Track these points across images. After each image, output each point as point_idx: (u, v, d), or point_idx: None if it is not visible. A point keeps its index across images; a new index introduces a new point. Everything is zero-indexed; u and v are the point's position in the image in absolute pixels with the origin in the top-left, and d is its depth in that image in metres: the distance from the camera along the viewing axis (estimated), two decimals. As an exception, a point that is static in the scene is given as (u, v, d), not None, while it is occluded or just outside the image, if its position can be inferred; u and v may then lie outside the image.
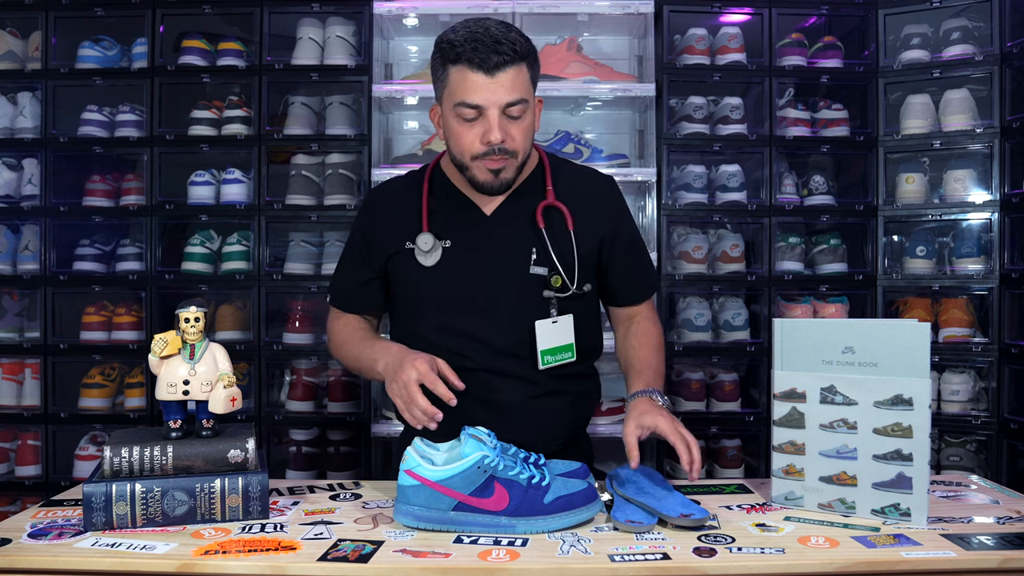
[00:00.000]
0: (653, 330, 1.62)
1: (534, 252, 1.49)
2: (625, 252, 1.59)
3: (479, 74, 1.36)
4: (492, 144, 1.39)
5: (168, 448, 1.21)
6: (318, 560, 1.07)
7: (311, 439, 2.66)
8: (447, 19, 2.68)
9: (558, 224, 1.51)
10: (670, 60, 2.69)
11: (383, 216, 1.58)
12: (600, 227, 1.55)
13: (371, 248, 1.57)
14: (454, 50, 1.37)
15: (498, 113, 1.38)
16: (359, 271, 1.60)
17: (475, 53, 1.35)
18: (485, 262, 1.50)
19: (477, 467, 1.17)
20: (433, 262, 1.50)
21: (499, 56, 1.35)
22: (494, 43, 1.35)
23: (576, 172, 1.62)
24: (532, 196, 1.53)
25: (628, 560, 1.07)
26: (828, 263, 2.69)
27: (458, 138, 1.42)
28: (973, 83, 2.61)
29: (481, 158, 1.41)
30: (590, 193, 1.57)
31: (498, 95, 1.37)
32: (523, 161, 1.46)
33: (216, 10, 2.68)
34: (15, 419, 2.68)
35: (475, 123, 1.40)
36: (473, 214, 1.53)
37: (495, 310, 1.49)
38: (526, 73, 1.41)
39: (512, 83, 1.37)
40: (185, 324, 1.24)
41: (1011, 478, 2.45)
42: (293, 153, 2.70)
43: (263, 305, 2.65)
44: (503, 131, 1.39)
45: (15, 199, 2.72)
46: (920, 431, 1.21)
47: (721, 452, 2.67)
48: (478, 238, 1.51)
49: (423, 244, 1.50)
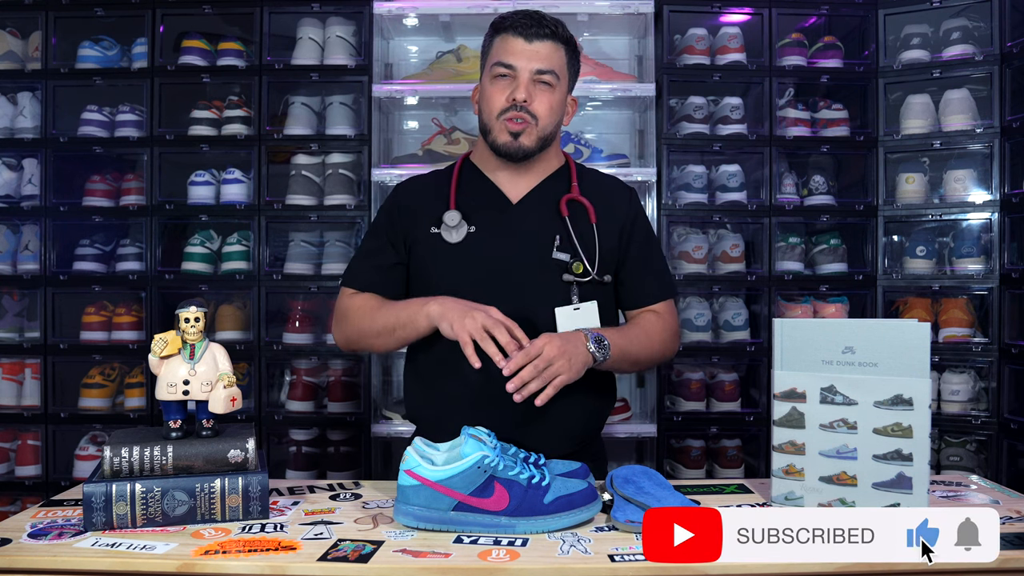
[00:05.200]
0: (656, 321, 1.59)
1: (557, 239, 1.53)
2: (639, 251, 1.60)
3: (518, 40, 1.50)
4: (516, 101, 1.48)
5: (168, 448, 1.21)
6: (318, 560, 1.07)
7: (311, 439, 2.66)
8: (447, 19, 2.68)
9: (581, 217, 1.55)
10: (670, 60, 2.69)
11: (411, 204, 1.61)
12: (620, 225, 1.59)
13: (397, 230, 1.59)
14: (503, 21, 1.53)
15: (529, 77, 1.49)
16: (385, 256, 1.60)
17: (519, 21, 1.50)
18: (508, 247, 1.53)
19: (477, 467, 1.17)
20: (458, 239, 1.54)
21: (540, 28, 1.49)
22: (540, 18, 1.51)
23: (599, 175, 1.70)
24: (557, 189, 1.58)
25: (628, 560, 1.06)
26: (828, 263, 2.69)
27: (489, 97, 1.52)
28: (973, 83, 2.61)
29: (504, 116, 1.50)
30: (612, 194, 1.63)
31: (532, 60, 1.49)
32: (543, 135, 1.52)
33: (216, 10, 2.69)
34: (15, 419, 2.68)
35: (506, 85, 1.50)
36: (499, 201, 1.57)
37: (517, 295, 1.50)
38: (563, 55, 1.53)
39: (548, 55, 1.50)
40: (185, 324, 1.24)
41: (1011, 478, 2.45)
42: (293, 153, 2.70)
43: (263, 305, 2.65)
44: (528, 93, 1.49)
45: (15, 199, 2.72)
46: (920, 431, 1.21)
47: (721, 452, 2.67)
48: (503, 224, 1.55)
49: (449, 220, 1.53)
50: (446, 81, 2.67)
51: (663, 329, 1.59)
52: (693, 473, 2.63)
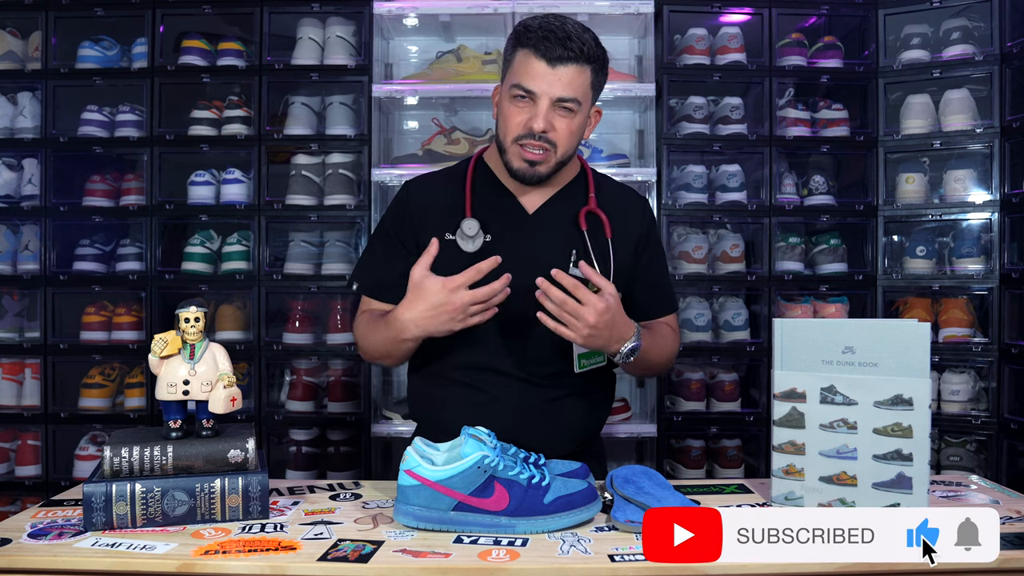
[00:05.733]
0: (670, 334, 1.61)
1: (574, 253, 1.49)
2: (650, 266, 1.60)
3: (541, 63, 1.39)
4: (533, 131, 1.41)
5: (168, 448, 1.21)
6: (318, 560, 1.07)
7: (311, 439, 2.66)
8: (447, 19, 2.68)
9: (597, 230, 1.52)
10: (670, 60, 2.69)
11: (422, 206, 1.55)
12: (633, 240, 1.56)
13: (408, 233, 1.54)
14: (527, 34, 1.41)
15: (548, 104, 1.41)
16: (396, 262, 1.54)
17: (543, 41, 1.39)
18: (525, 260, 1.46)
19: (477, 467, 1.17)
20: (475, 248, 1.49)
21: (564, 51, 1.38)
22: (565, 38, 1.39)
23: (615, 185, 1.65)
24: (575, 200, 1.54)
25: (628, 560, 1.06)
26: (828, 263, 2.69)
27: (506, 118, 1.45)
28: (973, 83, 2.61)
29: (520, 143, 1.44)
30: (627, 207, 1.59)
31: (553, 87, 1.40)
32: (562, 160, 1.47)
33: (216, 10, 2.69)
34: (15, 419, 2.68)
35: (525, 108, 1.42)
36: (515, 211, 1.54)
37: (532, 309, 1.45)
38: (588, 76, 1.43)
39: (571, 80, 1.40)
40: (185, 324, 1.23)
41: (1011, 478, 2.45)
42: (293, 153, 2.70)
43: (263, 305, 2.65)
44: (547, 122, 1.41)
45: (15, 199, 2.72)
46: (920, 431, 1.21)
47: (721, 452, 2.67)
48: (519, 235, 1.52)
49: (468, 229, 1.48)
50: (446, 81, 2.67)
51: (674, 341, 1.62)
52: (693, 473, 2.63)
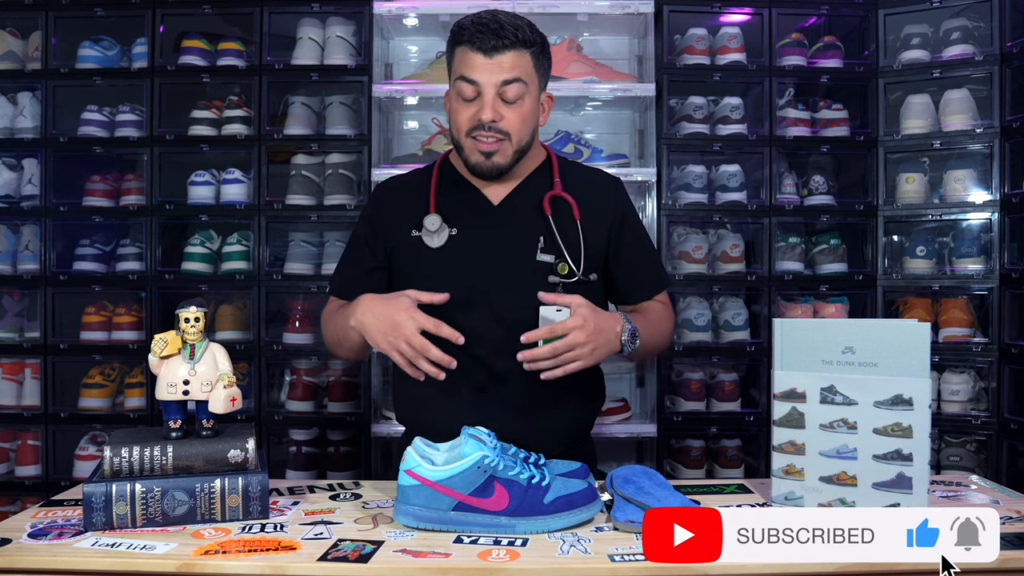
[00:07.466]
0: (663, 311, 1.60)
1: (541, 240, 1.50)
2: (631, 246, 1.59)
3: (478, 55, 1.42)
4: (483, 122, 1.43)
5: (168, 448, 1.21)
6: (318, 560, 1.07)
7: (311, 439, 2.66)
8: (447, 19, 2.67)
9: (565, 214, 1.52)
10: (670, 60, 2.69)
11: (390, 206, 1.59)
12: (607, 221, 1.56)
13: (376, 236, 1.57)
14: (461, 32, 1.45)
15: (493, 93, 1.43)
16: (364, 260, 1.59)
17: (477, 35, 1.42)
18: (492, 250, 1.50)
19: (477, 467, 1.17)
20: (440, 243, 1.51)
21: (499, 40, 1.41)
22: (498, 28, 1.42)
23: (583, 169, 1.66)
24: (539, 187, 1.55)
25: (628, 560, 1.06)
26: (828, 263, 2.69)
27: (455, 115, 1.48)
28: (973, 83, 2.61)
29: (473, 136, 1.45)
30: (597, 188, 1.59)
31: (494, 74, 1.42)
32: (519, 148, 1.48)
33: (216, 10, 2.68)
34: (15, 419, 2.68)
35: (472, 102, 1.45)
36: (480, 204, 1.55)
37: (502, 299, 1.48)
38: (528, 60, 1.45)
39: (511, 65, 1.43)
40: (185, 324, 1.24)
41: (1011, 478, 2.45)
42: (293, 153, 2.70)
43: (263, 305, 2.65)
44: (495, 111, 1.43)
45: (15, 199, 2.71)
46: (920, 431, 1.21)
47: (721, 452, 2.67)
48: (485, 227, 1.52)
49: (430, 224, 1.51)
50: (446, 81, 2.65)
51: (668, 318, 1.62)
52: (693, 473, 2.63)
